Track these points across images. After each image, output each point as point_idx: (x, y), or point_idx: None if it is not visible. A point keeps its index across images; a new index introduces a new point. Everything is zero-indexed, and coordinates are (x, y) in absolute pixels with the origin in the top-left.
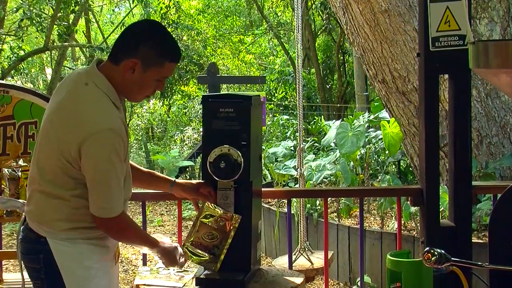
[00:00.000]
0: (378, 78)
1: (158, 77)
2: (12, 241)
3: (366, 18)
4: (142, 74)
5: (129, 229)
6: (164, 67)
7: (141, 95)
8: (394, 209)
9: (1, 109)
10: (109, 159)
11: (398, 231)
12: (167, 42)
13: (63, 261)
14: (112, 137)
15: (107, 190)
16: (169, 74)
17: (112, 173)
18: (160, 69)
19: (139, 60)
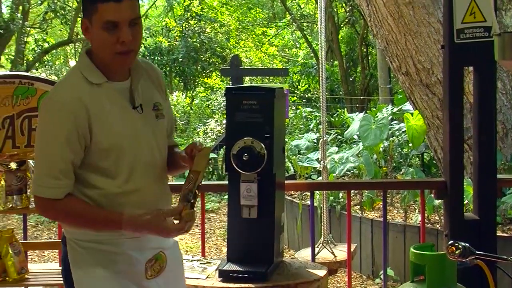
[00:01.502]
0: (402, 71)
1: (101, 24)
2: (36, 232)
3: (390, 10)
4: (92, 30)
5: (60, 215)
6: (99, 10)
7: (107, 53)
8: (417, 202)
9: (26, 101)
10: (45, 132)
11: (422, 224)
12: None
13: (70, 264)
14: (52, 107)
15: (37, 164)
16: (111, 17)
17: (44, 147)
18: (98, 15)
19: (85, 17)
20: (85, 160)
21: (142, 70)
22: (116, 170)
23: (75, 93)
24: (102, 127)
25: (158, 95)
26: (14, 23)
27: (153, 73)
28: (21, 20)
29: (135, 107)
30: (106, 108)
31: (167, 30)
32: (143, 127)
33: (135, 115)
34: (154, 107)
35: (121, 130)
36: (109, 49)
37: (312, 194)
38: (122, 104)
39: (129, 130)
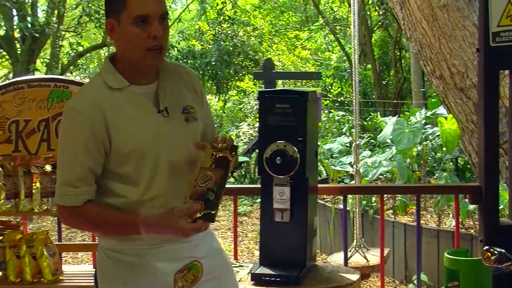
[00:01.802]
0: (436, 74)
1: (131, 19)
2: (70, 234)
3: (424, 13)
4: (120, 29)
5: (81, 222)
6: (128, 5)
7: (137, 51)
8: (451, 206)
9: (61, 104)
10: (63, 140)
11: (456, 229)
12: None
13: (97, 273)
14: (70, 115)
15: (57, 172)
16: (142, 11)
17: (63, 155)
18: (128, 11)
19: (109, 18)
20: (106, 167)
21: (171, 73)
22: (138, 176)
23: (93, 100)
24: (122, 132)
25: (191, 98)
26: (49, 27)
27: (187, 76)
28: (56, 24)
29: (159, 110)
30: (126, 113)
31: (200, 34)
32: (168, 131)
33: (160, 118)
34: (184, 110)
35: (142, 134)
36: (141, 45)
37: (345, 198)
38: (145, 108)
39: (151, 134)
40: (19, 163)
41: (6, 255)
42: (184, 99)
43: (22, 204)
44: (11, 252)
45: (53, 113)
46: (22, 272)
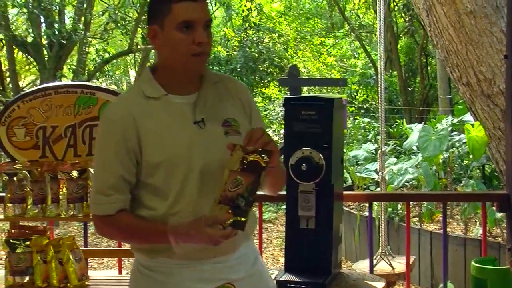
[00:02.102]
0: (462, 81)
1: (176, 25)
2: (96, 239)
3: (451, 19)
4: (163, 35)
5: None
6: (173, 10)
7: (181, 56)
8: (478, 214)
9: (87, 110)
10: (97, 149)
11: (483, 237)
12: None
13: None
14: (104, 124)
15: (92, 180)
16: (187, 16)
17: (96, 164)
18: (172, 16)
19: (152, 24)
20: (138, 177)
21: (216, 84)
22: (167, 187)
23: (126, 109)
24: (153, 141)
25: (235, 110)
26: (76, 33)
27: (233, 88)
28: (83, 31)
29: (195, 121)
30: (160, 122)
31: (226, 40)
32: (201, 143)
33: (194, 129)
34: (225, 122)
35: (173, 144)
36: (185, 51)
37: (371, 205)
38: (180, 118)
39: (183, 145)
40: (46, 169)
41: (33, 260)
42: (226, 111)
43: (49, 210)
44: (38, 257)
45: (79, 119)
46: (49, 277)
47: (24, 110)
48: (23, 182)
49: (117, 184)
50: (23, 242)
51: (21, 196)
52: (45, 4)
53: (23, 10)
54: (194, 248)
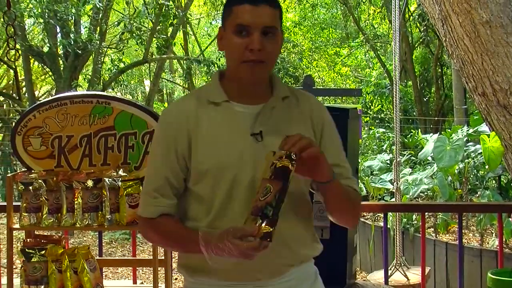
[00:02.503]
0: (478, 91)
1: (233, 28)
2: (111, 249)
3: (466, 29)
4: (225, 37)
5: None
6: (233, 13)
7: (233, 61)
8: (494, 225)
9: (103, 120)
10: (152, 149)
11: (500, 248)
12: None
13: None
14: (158, 126)
15: (143, 183)
16: (243, 20)
17: (150, 164)
18: (232, 18)
19: (221, 26)
20: (187, 184)
21: (289, 98)
22: (212, 198)
23: (181, 112)
24: (204, 147)
25: (302, 128)
26: (91, 43)
27: (306, 105)
28: (99, 41)
29: (253, 133)
30: (215, 128)
31: None
32: (254, 156)
33: (250, 141)
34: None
35: (224, 153)
36: (237, 56)
37: (386, 216)
38: (238, 127)
39: (233, 156)
40: (61, 178)
41: (49, 269)
42: (290, 127)
43: (64, 219)
44: (53, 266)
45: (94, 129)
46: (64, 287)
47: (40, 119)
48: (39, 192)
49: (163, 187)
50: (39, 251)
51: (36, 205)
52: (61, 15)
53: (39, 20)
54: (235, 268)
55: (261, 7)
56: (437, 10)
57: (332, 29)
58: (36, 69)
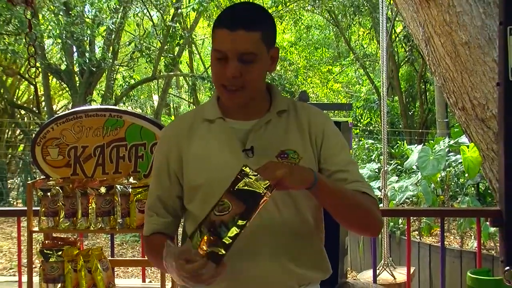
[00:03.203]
0: (458, 106)
1: (213, 52)
2: (122, 250)
3: (447, 50)
4: (211, 56)
5: (147, 252)
6: (214, 36)
7: (217, 85)
8: (473, 229)
9: (115, 132)
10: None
11: (478, 250)
12: (224, 9)
13: None
14: (158, 143)
15: None
16: (220, 46)
17: (151, 184)
18: (213, 41)
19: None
20: (184, 203)
21: (288, 112)
22: (200, 214)
23: (176, 129)
24: (195, 163)
25: (300, 142)
26: (105, 62)
27: (304, 118)
28: (111, 59)
29: (244, 149)
30: (207, 145)
31: None
32: None
33: (241, 157)
34: (281, 154)
35: (215, 169)
36: (216, 81)
37: None
38: (230, 143)
39: (224, 172)
40: (77, 185)
41: (65, 268)
42: (286, 142)
43: (79, 223)
44: (69, 266)
45: (107, 140)
46: (79, 285)
47: (57, 131)
48: (56, 197)
49: (155, 206)
50: (56, 252)
51: (54, 210)
52: (77, 35)
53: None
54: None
55: (238, 33)
56: (421, 32)
57: (325, 49)
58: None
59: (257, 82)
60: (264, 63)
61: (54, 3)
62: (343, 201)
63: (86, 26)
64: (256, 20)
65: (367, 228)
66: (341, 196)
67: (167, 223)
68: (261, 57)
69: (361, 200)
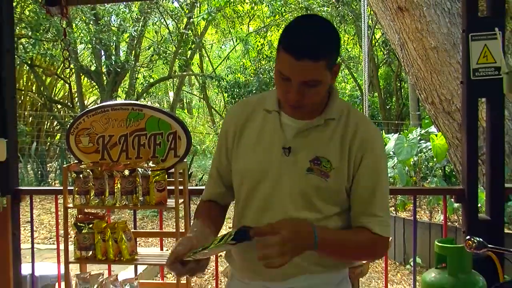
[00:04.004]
0: (428, 101)
1: (277, 67)
2: (143, 223)
3: (419, 53)
4: (275, 63)
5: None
6: (279, 54)
7: (279, 94)
8: (440, 205)
9: (136, 123)
10: None
11: (444, 222)
12: (291, 28)
13: None
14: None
15: None
16: (284, 70)
17: (214, 154)
18: (278, 58)
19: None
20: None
21: (333, 120)
22: (238, 194)
23: (238, 111)
24: (243, 148)
25: (336, 153)
26: (128, 63)
27: (351, 131)
28: (133, 61)
29: (283, 147)
30: (257, 134)
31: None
32: (276, 169)
33: (278, 154)
34: (315, 160)
35: (252, 160)
36: (280, 96)
37: None
38: (275, 138)
39: (261, 164)
40: (105, 168)
41: (95, 239)
42: (325, 149)
43: (107, 200)
44: (99, 237)
45: (130, 130)
46: (107, 252)
47: (88, 123)
48: (87, 179)
49: (214, 176)
50: (87, 225)
51: (85, 189)
52: (104, 41)
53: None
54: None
55: (303, 62)
56: (397, 38)
57: None
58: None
59: (319, 98)
60: (326, 83)
61: (86, 14)
62: (341, 249)
63: (112, 33)
64: (322, 48)
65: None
66: (339, 246)
67: (221, 193)
68: (324, 81)
69: (360, 245)
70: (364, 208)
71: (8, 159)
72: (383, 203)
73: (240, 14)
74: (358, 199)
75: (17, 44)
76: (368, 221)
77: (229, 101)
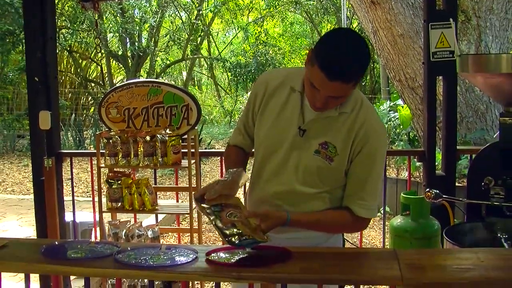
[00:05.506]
0: (396, 78)
1: (308, 77)
2: (162, 180)
3: (388, 39)
4: (307, 64)
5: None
6: (313, 68)
7: (308, 95)
8: (405, 164)
9: (155, 97)
10: None
11: (408, 178)
12: (328, 45)
13: None
14: (257, 79)
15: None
16: (315, 83)
17: (244, 109)
18: (312, 70)
19: (312, 51)
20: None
21: (352, 112)
22: (256, 155)
23: (268, 80)
24: (265, 118)
25: (342, 142)
26: (148, 49)
27: (359, 124)
28: (153, 47)
29: (299, 127)
30: (279, 108)
31: (244, 52)
32: (288, 146)
33: (293, 133)
34: (323, 143)
35: (268, 133)
36: (307, 93)
37: None
38: (294, 116)
39: (274, 139)
40: (130, 135)
41: (123, 192)
42: (333, 136)
43: (132, 161)
44: (126, 191)
45: (150, 103)
46: (133, 204)
47: (116, 97)
48: (116, 143)
49: (241, 129)
50: (116, 181)
51: (114, 152)
52: (129, 30)
53: (116, 34)
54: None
55: (335, 83)
56: (370, 26)
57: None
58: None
59: (341, 101)
60: (349, 93)
61: (114, 8)
62: (315, 228)
63: (136, 24)
64: (355, 73)
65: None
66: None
67: (246, 143)
68: (349, 94)
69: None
70: (354, 192)
71: (52, 128)
72: (372, 190)
73: (241, 7)
74: (352, 183)
75: (58, 34)
76: (354, 204)
77: (232, 79)
